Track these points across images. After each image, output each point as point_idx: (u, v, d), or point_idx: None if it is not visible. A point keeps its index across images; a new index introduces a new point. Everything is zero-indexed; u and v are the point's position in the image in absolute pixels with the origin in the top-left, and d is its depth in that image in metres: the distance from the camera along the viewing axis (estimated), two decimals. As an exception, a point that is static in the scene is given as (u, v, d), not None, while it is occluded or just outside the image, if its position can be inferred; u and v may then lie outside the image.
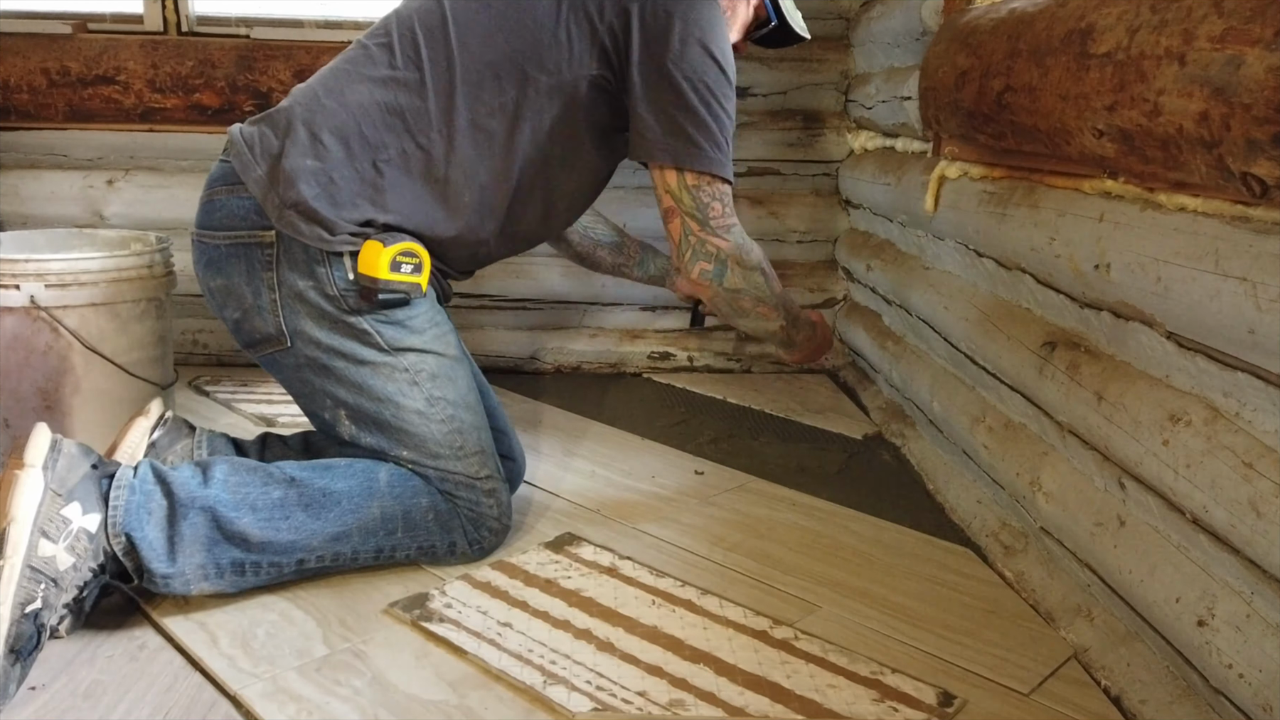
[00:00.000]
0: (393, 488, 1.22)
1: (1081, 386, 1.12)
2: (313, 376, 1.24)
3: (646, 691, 1.01)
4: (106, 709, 0.97)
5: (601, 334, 2.28)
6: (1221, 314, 0.86)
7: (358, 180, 1.22)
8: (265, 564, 1.15)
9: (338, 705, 0.98)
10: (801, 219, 2.26)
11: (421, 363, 1.25)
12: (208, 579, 1.12)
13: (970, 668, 1.08)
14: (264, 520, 1.14)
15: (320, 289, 1.21)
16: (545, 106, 1.26)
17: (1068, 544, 1.16)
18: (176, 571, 1.09)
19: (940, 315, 1.58)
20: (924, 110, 1.60)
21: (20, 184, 2.19)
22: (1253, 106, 0.78)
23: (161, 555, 1.08)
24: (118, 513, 1.07)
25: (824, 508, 1.52)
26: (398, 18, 1.30)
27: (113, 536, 1.06)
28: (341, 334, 1.22)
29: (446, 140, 1.24)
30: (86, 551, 1.04)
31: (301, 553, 1.17)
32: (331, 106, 1.23)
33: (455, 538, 1.26)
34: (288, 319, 1.22)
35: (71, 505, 1.04)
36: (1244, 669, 0.83)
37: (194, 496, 1.11)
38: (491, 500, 1.28)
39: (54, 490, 1.04)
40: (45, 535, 1.01)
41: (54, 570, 1.01)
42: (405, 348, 1.24)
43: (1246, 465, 0.84)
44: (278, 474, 1.18)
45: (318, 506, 1.17)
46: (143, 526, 1.08)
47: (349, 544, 1.20)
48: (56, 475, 1.05)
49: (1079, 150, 1.11)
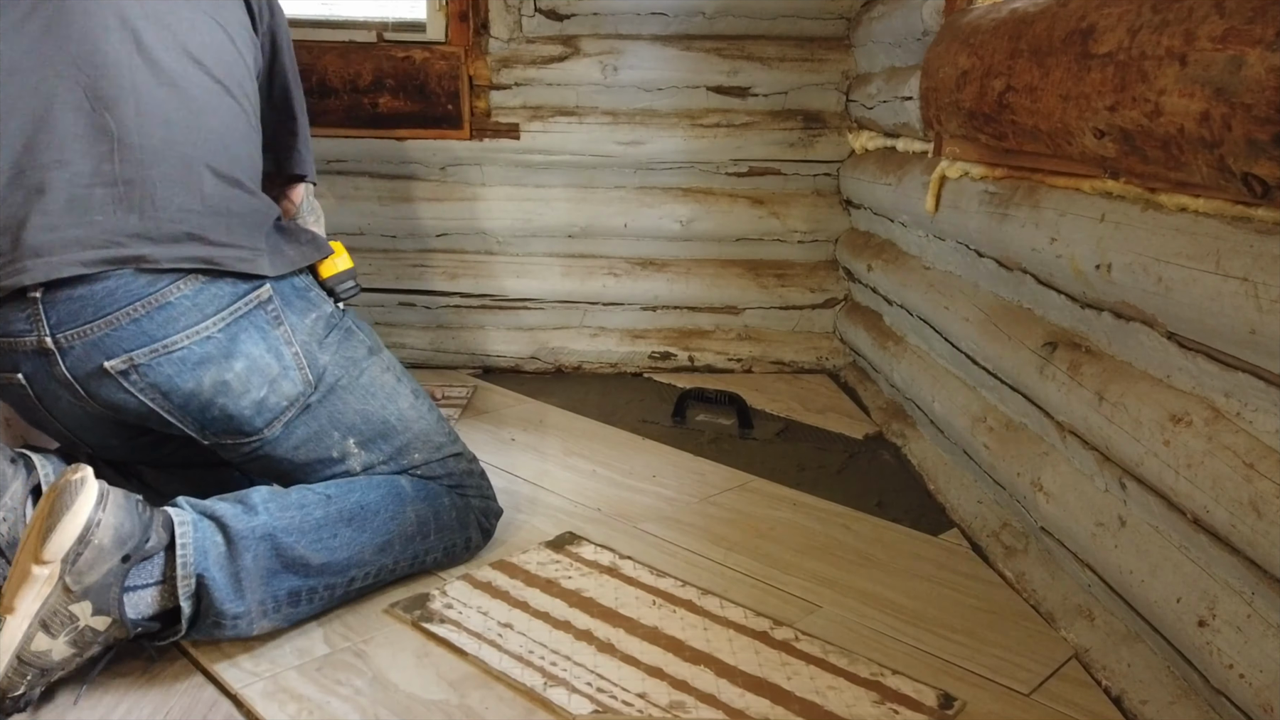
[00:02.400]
0: (418, 491, 1.23)
1: (1082, 387, 1.12)
2: (325, 417, 1.19)
3: (647, 693, 1.01)
4: (107, 708, 0.97)
5: (602, 334, 2.28)
6: (1222, 314, 0.86)
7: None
8: (321, 588, 1.11)
9: (338, 705, 0.98)
10: (802, 219, 2.25)
11: (391, 357, 1.30)
12: (266, 615, 1.06)
13: (970, 668, 1.08)
14: (316, 541, 1.10)
15: (321, 314, 1.21)
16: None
17: (1068, 544, 1.16)
18: (245, 610, 1.03)
19: (941, 315, 1.58)
20: (925, 110, 1.60)
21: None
22: (1254, 107, 0.78)
23: (230, 595, 1.02)
24: (187, 553, 1.00)
25: (824, 508, 1.52)
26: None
27: (181, 580, 1.00)
28: (343, 351, 1.22)
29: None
30: (91, 643, 0.97)
31: (354, 569, 1.14)
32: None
33: (471, 532, 1.28)
34: (310, 365, 1.17)
35: (82, 604, 0.95)
36: (1245, 669, 0.83)
37: (251, 526, 1.05)
38: (486, 482, 1.33)
39: (67, 585, 0.94)
40: (46, 629, 0.93)
41: (46, 662, 0.94)
42: (377, 345, 1.28)
43: (1247, 466, 0.84)
44: (310, 496, 1.14)
45: (359, 520, 1.15)
46: (209, 567, 1.01)
47: (392, 554, 1.18)
48: (75, 570, 0.94)
49: (1080, 150, 1.11)
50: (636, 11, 2.12)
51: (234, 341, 1.11)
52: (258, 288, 1.14)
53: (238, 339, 1.12)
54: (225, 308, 1.11)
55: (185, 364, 1.09)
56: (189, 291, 1.09)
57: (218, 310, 1.11)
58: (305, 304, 1.20)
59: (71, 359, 1.07)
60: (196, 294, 1.10)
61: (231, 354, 1.11)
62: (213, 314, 1.10)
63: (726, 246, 2.26)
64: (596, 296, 2.26)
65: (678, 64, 2.16)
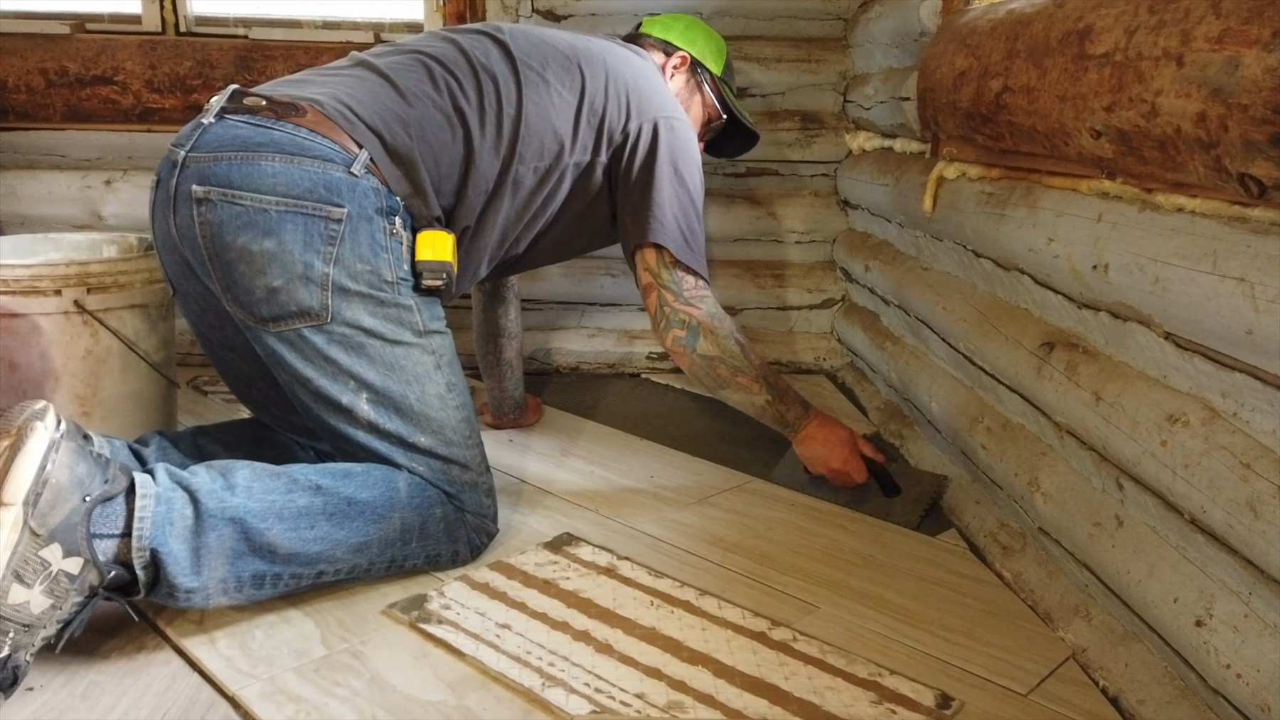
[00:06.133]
0: (412, 498, 1.22)
1: (1079, 387, 1.12)
2: (342, 354, 1.20)
3: (645, 694, 1.01)
4: (105, 709, 0.97)
5: (600, 334, 2.28)
6: (1219, 314, 0.86)
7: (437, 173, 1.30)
8: (286, 575, 1.12)
9: (336, 706, 0.98)
10: (800, 219, 2.26)
11: (443, 345, 1.29)
12: (226, 593, 1.08)
13: (968, 668, 1.08)
14: (290, 530, 1.11)
15: (377, 273, 1.21)
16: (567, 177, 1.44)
17: (1066, 544, 1.16)
18: (200, 586, 1.05)
19: (938, 315, 1.59)
20: (922, 111, 1.60)
21: (18, 184, 2.19)
22: (1250, 107, 0.78)
23: (187, 569, 1.04)
24: (144, 525, 1.02)
25: (822, 508, 1.52)
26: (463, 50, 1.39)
27: (136, 550, 1.01)
28: (384, 316, 1.22)
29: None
30: (68, 591, 0.97)
31: (324, 564, 1.15)
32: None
33: (459, 546, 1.27)
34: (334, 295, 1.19)
35: (52, 547, 0.96)
36: (1242, 669, 0.83)
37: (223, 506, 1.07)
38: (489, 500, 1.31)
39: (33, 530, 0.95)
40: (20, 579, 0.93)
41: (26, 616, 0.94)
42: (434, 330, 1.28)
43: (1244, 466, 0.84)
44: (301, 480, 1.15)
45: (341, 516, 1.15)
46: (167, 540, 1.03)
47: (367, 555, 1.18)
48: (38, 513, 0.95)
49: (1077, 151, 1.11)
50: (634, 12, 2.12)
51: (278, 224, 1.17)
52: (336, 204, 1.19)
53: (285, 225, 1.17)
54: (293, 196, 1.17)
55: (237, 219, 1.17)
56: (277, 165, 1.18)
57: (287, 194, 1.17)
58: (371, 254, 1.21)
59: (182, 177, 1.19)
60: (285, 169, 1.18)
61: (270, 232, 1.17)
62: (282, 194, 1.17)
63: (724, 247, 2.26)
64: (594, 297, 2.26)
65: (675, 64, 2.16)
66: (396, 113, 1.28)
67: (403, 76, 1.32)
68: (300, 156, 1.19)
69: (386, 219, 1.23)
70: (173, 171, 1.20)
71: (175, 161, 1.20)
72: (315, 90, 1.28)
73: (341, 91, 1.28)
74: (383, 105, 1.28)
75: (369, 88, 1.30)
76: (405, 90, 1.30)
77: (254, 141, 1.19)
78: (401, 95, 1.30)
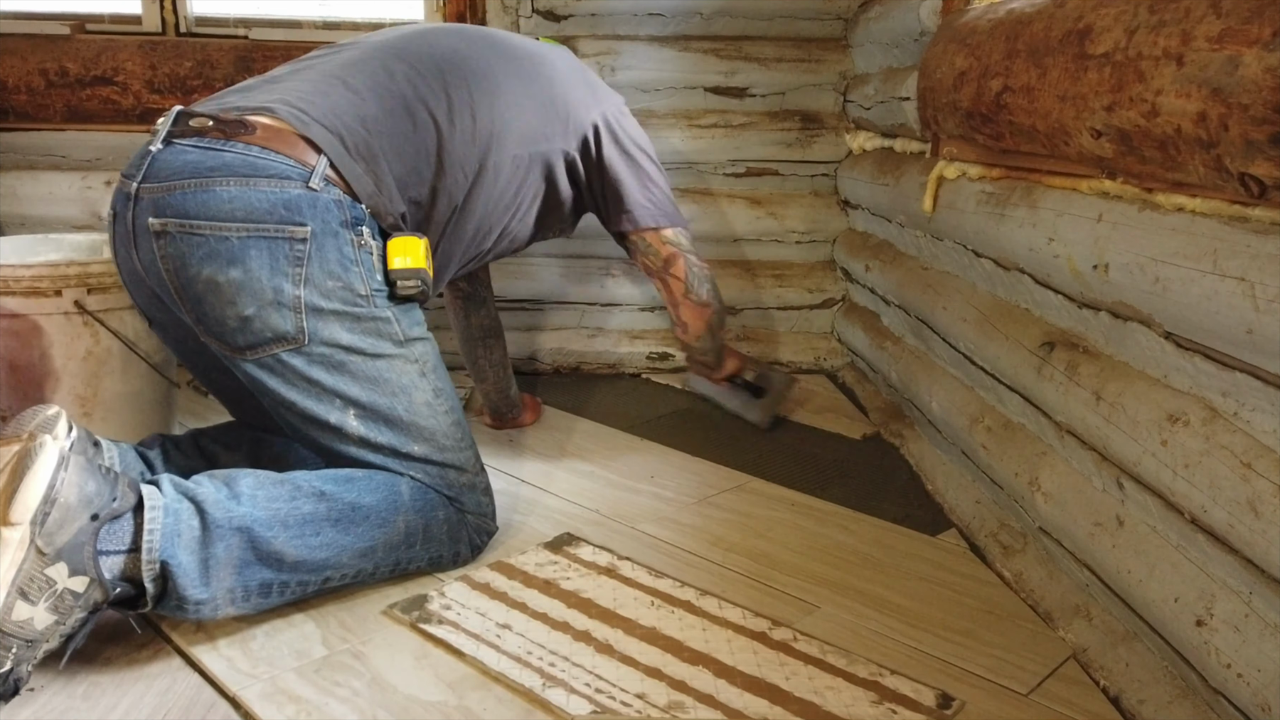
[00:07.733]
0: (415, 501, 1.22)
1: (1080, 386, 1.12)
2: (324, 375, 1.18)
3: (645, 694, 1.01)
4: (105, 710, 0.97)
5: (600, 334, 2.28)
6: (1219, 314, 0.86)
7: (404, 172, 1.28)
8: (294, 583, 1.12)
9: (336, 706, 0.98)
10: (800, 219, 2.26)
11: (426, 352, 1.26)
12: (234, 603, 1.07)
13: (969, 668, 1.08)
14: (297, 537, 1.10)
15: (349, 288, 1.18)
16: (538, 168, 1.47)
17: (1066, 544, 1.16)
18: (209, 596, 1.04)
19: (939, 315, 1.59)
20: (922, 111, 1.60)
21: (18, 185, 2.19)
22: (1250, 107, 0.78)
23: (196, 580, 1.03)
24: (154, 537, 1.01)
25: (823, 508, 1.52)
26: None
27: (145, 564, 1.00)
28: (361, 330, 1.19)
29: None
30: (73, 608, 0.97)
31: (331, 570, 1.14)
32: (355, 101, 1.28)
33: (460, 547, 1.27)
34: (309, 316, 1.16)
35: (58, 566, 0.95)
36: (1242, 669, 0.83)
37: (229, 516, 1.06)
38: (488, 499, 1.31)
39: (39, 549, 0.94)
40: (24, 596, 0.93)
41: (30, 632, 0.94)
42: (414, 337, 1.25)
43: (1245, 465, 0.84)
44: (305, 486, 1.14)
45: (347, 522, 1.15)
46: (176, 551, 1.02)
47: (373, 560, 1.18)
48: (45, 531, 0.95)
49: (1077, 150, 1.11)
50: (634, 12, 2.12)
51: (241, 253, 1.13)
52: (298, 223, 1.14)
53: (249, 252, 1.13)
54: (253, 221, 1.13)
55: (198, 250, 1.13)
56: (232, 189, 1.13)
57: (246, 220, 1.13)
58: (341, 269, 1.18)
59: (138, 210, 1.15)
60: (241, 193, 1.13)
61: (234, 261, 1.13)
62: (242, 220, 1.13)
63: (724, 247, 2.26)
64: (594, 297, 2.26)
65: (675, 64, 2.17)
66: (351, 108, 1.25)
67: (353, 72, 1.30)
68: (255, 177, 1.13)
69: (353, 231, 1.18)
70: (128, 204, 1.15)
71: (128, 194, 1.15)
72: (264, 96, 1.24)
73: (292, 95, 1.24)
74: (335, 103, 1.24)
75: (320, 87, 1.26)
76: (356, 86, 1.27)
77: (205, 166, 1.14)
78: (353, 90, 1.27)
